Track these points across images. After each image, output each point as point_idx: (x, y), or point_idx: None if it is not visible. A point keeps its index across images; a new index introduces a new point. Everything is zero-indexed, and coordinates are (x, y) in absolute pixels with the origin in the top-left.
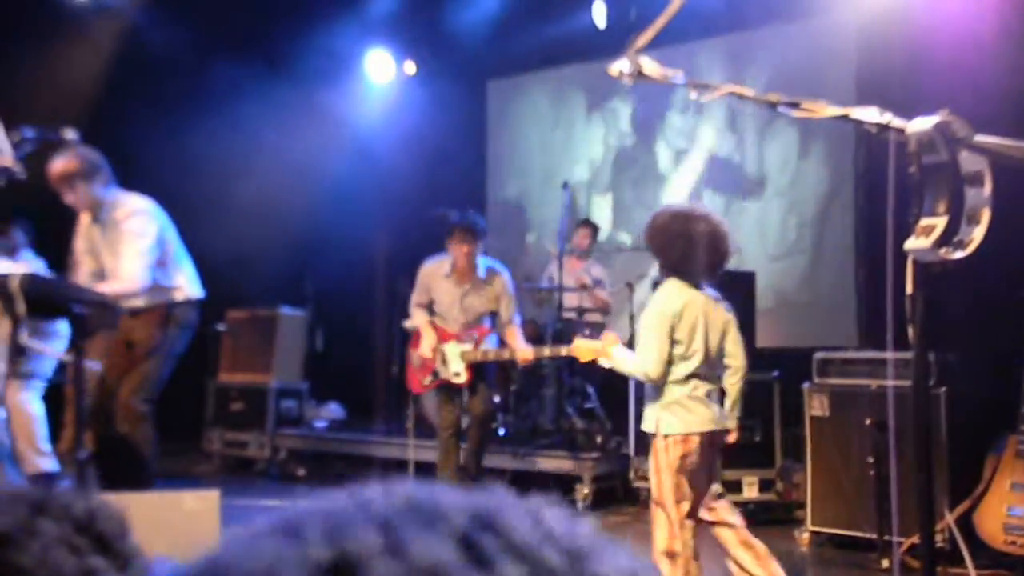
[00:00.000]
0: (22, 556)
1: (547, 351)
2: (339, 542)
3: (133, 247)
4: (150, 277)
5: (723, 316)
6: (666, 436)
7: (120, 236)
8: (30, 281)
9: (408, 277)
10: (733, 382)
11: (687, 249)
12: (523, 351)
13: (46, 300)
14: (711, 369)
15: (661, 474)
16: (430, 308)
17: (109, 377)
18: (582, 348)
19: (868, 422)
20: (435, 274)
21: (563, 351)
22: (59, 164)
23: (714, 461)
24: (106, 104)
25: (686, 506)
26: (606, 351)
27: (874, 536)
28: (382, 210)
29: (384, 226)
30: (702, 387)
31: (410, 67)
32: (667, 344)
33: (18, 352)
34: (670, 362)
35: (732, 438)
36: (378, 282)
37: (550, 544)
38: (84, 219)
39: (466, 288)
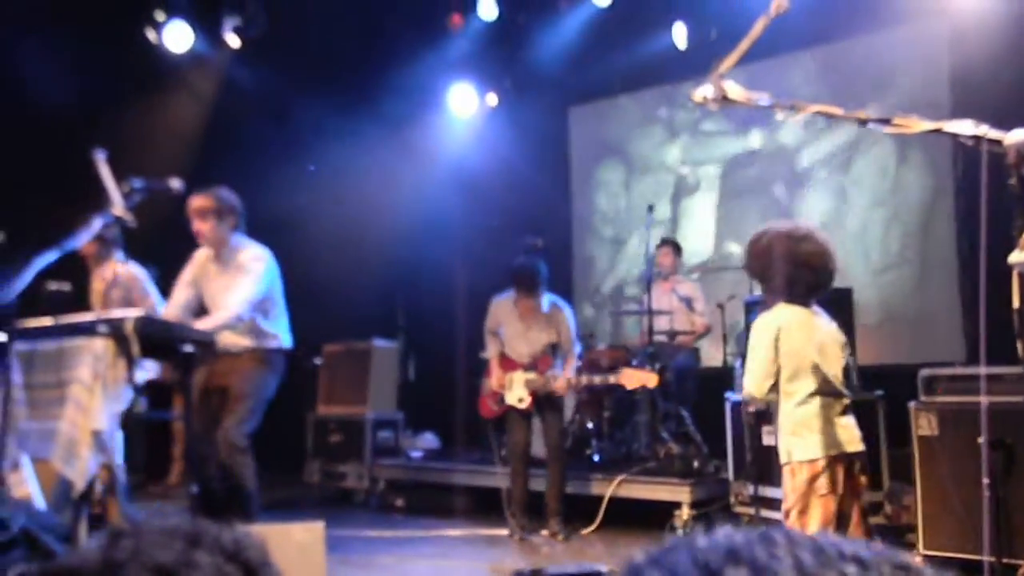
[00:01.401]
0: None
1: (596, 379)
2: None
3: (246, 282)
4: (249, 313)
5: (840, 337)
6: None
7: (239, 274)
8: (144, 323)
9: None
10: None
11: (793, 272)
12: (559, 380)
13: (158, 341)
14: (840, 387)
15: (788, 498)
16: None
17: (206, 418)
18: (631, 376)
19: (980, 440)
20: (503, 308)
21: (611, 379)
22: (198, 199)
23: (854, 485)
24: (206, 149)
25: (812, 530)
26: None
27: (991, 559)
28: (467, 240)
29: (469, 255)
30: (833, 406)
31: (492, 99)
32: (769, 359)
33: (135, 392)
34: (777, 380)
35: None
36: (462, 311)
37: None
38: (201, 253)
39: (529, 324)
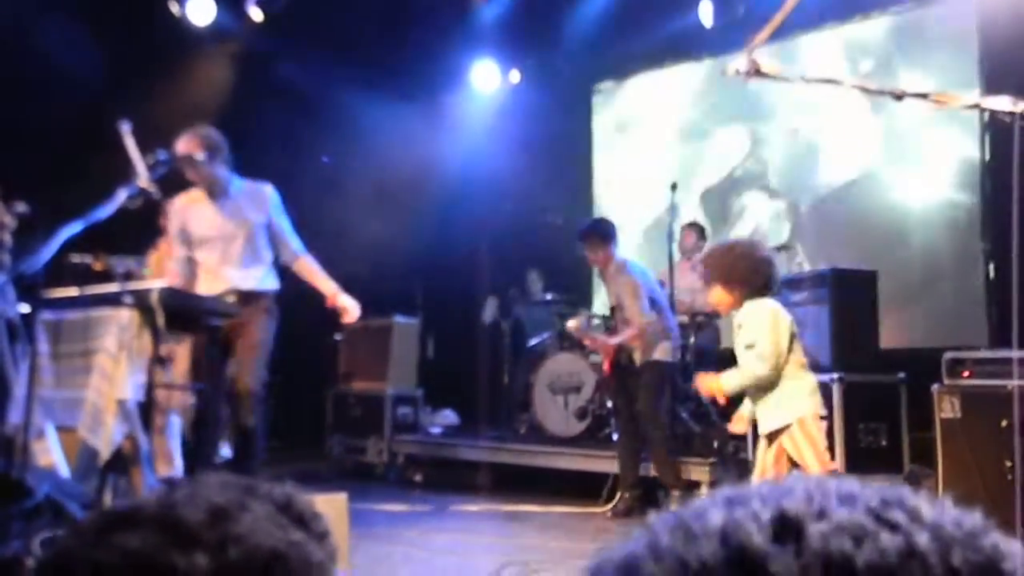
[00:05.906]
0: (238, 527)
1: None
2: (778, 506)
3: (288, 227)
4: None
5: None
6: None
7: (252, 207)
8: (168, 294)
9: (518, 282)
10: None
11: (770, 271)
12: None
13: (183, 313)
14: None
15: (813, 453)
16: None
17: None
18: (704, 383)
19: (1004, 424)
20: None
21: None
22: (180, 144)
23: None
24: (230, 120)
25: None
26: (719, 388)
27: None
28: (487, 217)
29: (489, 232)
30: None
31: (515, 76)
32: (784, 340)
33: (159, 363)
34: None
35: None
36: (483, 288)
37: (952, 521)
38: (178, 201)
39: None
